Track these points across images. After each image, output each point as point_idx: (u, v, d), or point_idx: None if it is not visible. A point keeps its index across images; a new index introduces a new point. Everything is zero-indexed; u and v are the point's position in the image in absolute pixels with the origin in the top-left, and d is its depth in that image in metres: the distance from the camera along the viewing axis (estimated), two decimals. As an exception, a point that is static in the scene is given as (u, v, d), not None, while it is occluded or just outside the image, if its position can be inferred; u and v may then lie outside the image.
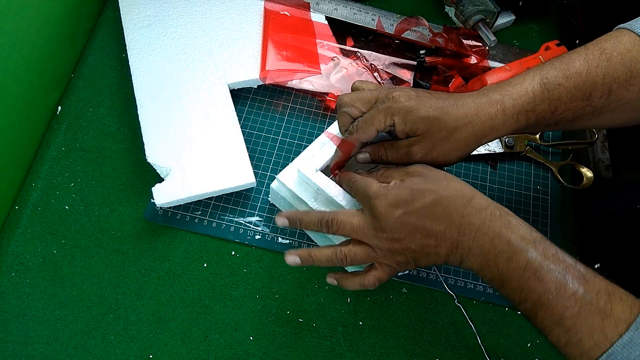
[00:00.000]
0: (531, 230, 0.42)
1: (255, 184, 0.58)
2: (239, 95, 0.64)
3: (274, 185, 0.55)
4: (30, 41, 0.57)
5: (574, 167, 0.62)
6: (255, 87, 0.64)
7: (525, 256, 0.40)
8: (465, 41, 0.65)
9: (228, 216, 0.57)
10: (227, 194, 0.58)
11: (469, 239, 0.42)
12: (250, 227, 0.57)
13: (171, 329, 0.52)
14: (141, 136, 0.57)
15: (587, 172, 0.61)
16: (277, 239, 0.56)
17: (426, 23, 0.66)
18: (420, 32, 0.66)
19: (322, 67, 0.64)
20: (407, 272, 0.55)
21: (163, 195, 0.55)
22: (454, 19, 0.68)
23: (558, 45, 0.65)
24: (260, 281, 0.54)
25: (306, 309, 0.53)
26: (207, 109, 0.60)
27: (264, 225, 0.57)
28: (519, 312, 0.54)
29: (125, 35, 0.64)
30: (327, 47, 0.65)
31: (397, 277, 0.55)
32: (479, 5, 0.64)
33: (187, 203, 0.57)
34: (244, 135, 0.60)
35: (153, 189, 0.55)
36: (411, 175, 0.44)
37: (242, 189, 0.58)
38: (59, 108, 0.62)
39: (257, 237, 0.56)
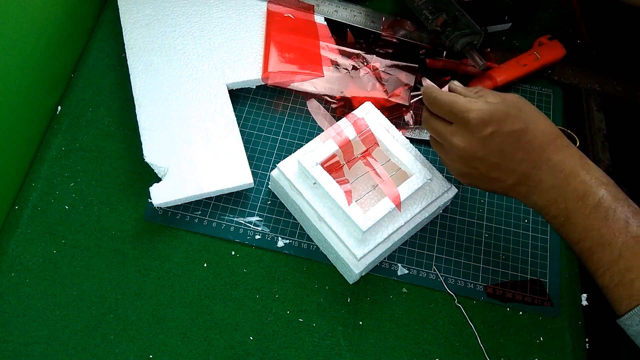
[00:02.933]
0: (604, 174, 0.44)
1: (254, 185, 0.58)
2: (239, 96, 0.64)
3: (274, 173, 0.55)
4: (31, 41, 0.57)
5: None
6: (255, 87, 0.64)
7: (596, 196, 0.42)
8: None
9: (228, 216, 0.57)
10: (226, 194, 0.58)
11: (543, 173, 0.44)
12: (250, 227, 0.57)
13: (171, 329, 0.52)
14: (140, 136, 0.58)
15: None
16: (277, 239, 0.56)
17: (411, 26, 0.66)
18: (404, 31, 0.66)
19: (324, 69, 0.64)
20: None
21: (160, 195, 0.55)
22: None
23: (550, 39, 0.65)
24: (260, 281, 0.54)
25: (306, 309, 0.53)
26: (205, 109, 0.60)
27: (264, 225, 0.57)
28: (520, 312, 0.54)
29: (123, 34, 0.64)
30: (327, 48, 0.65)
31: (396, 277, 0.55)
32: (465, 29, 0.62)
33: (187, 203, 0.57)
34: (243, 136, 0.60)
35: (150, 188, 0.55)
36: (507, 99, 0.45)
37: (240, 190, 0.58)
38: (59, 108, 0.62)
39: (257, 237, 0.56)
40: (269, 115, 0.63)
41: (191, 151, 0.57)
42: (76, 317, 0.52)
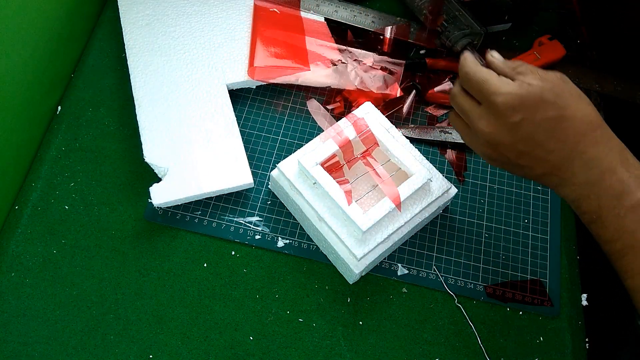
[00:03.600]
0: None
1: (254, 185, 0.58)
2: (239, 96, 0.64)
3: (274, 173, 0.55)
4: (31, 42, 0.57)
5: None
6: (255, 87, 0.64)
7: (635, 196, 0.39)
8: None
9: (228, 216, 0.57)
10: (226, 194, 0.58)
11: (576, 166, 0.41)
12: (250, 227, 0.57)
13: (171, 329, 0.52)
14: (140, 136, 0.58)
15: None
16: (277, 239, 0.56)
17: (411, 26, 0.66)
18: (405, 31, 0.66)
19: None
20: (405, 271, 0.55)
21: (160, 195, 0.55)
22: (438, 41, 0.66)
23: (550, 39, 0.64)
24: (260, 281, 0.54)
25: (306, 309, 0.53)
26: (205, 109, 0.60)
27: (264, 225, 0.57)
28: (520, 313, 0.54)
29: (123, 34, 0.64)
30: (315, 44, 0.65)
31: (396, 277, 0.55)
32: (465, 29, 0.62)
33: (187, 203, 0.57)
34: (243, 136, 0.60)
35: (150, 188, 0.55)
36: (546, 81, 0.41)
37: (240, 190, 0.58)
38: (59, 108, 0.62)
39: (257, 237, 0.56)
40: (269, 115, 0.63)
41: (191, 151, 0.57)
42: (76, 317, 0.52)
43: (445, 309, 0.54)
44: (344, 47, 0.65)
